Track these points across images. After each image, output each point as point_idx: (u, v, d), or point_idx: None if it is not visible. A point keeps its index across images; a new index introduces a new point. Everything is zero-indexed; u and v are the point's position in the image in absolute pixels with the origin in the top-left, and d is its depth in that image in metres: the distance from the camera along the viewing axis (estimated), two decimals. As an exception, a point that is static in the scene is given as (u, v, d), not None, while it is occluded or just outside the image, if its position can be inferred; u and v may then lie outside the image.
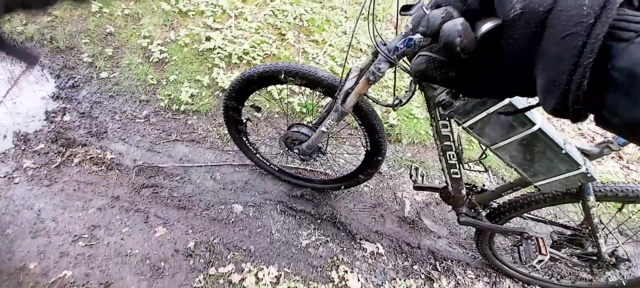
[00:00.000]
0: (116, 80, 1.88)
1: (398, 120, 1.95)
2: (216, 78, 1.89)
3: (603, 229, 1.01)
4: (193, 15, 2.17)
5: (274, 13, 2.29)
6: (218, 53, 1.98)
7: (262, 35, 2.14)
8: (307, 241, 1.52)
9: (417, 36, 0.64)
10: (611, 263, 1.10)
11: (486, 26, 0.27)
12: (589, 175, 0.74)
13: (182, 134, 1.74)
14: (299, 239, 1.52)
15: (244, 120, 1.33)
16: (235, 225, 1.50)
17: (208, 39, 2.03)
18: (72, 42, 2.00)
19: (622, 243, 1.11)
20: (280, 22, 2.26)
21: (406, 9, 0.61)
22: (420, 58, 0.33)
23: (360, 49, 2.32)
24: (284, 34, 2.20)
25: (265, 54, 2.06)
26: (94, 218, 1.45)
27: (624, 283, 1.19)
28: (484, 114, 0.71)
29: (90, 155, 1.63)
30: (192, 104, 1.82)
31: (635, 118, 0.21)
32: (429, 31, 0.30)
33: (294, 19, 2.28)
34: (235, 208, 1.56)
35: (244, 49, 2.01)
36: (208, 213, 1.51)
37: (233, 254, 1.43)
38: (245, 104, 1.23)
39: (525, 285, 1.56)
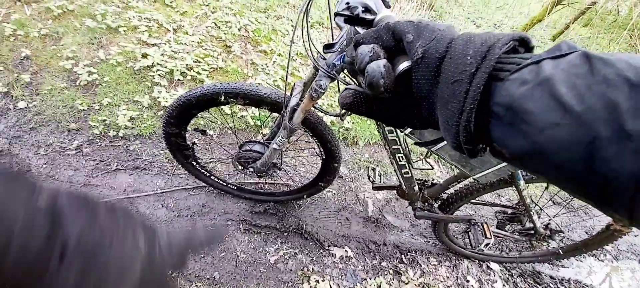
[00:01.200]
0: (37, 110, 1.64)
1: (353, 123, 1.99)
2: (158, 97, 1.76)
3: (535, 206, 1.13)
4: (124, 31, 1.99)
5: (216, 25, 2.19)
6: (157, 70, 1.84)
7: (205, 49, 2.04)
8: (275, 257, 1.48)
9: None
10: (547, 235, 1.25)
11: (403, 65, 0.28)
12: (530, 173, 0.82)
13: (124, 162, 1.59)
14: (267, 256, 1.48)
15: (190, 145, 1.25)
16: (194, 254, 1.41)
17: (144, 55, 1.88)
18: (-21, 71, 1.71)
19: (554, 217, 1.26)
20: (224, 34, 2.17)
21: (329, 46, 0.62)
22: (346, 91, 0.33)
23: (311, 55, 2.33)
24: (229, 46, 2.12)
25: (212, 68, 1.97)
26: (23, 274, 1.25)
27: (561, 252, 1.34)
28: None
29: (11, 200, 1.40)
30: (133, 128, 1.67)
31: (519, 147, 0.22)
32: (356, 67, 0.30)
33: (239, 30, 2.21)
34: (193, 236, 1.46)
35: (187, 64, 1.89)
36: (162, 246, 1.40)
37: (196, 286, 1.33)
38: (188, 128, 1.15)
39: (481, 263, 1.70)
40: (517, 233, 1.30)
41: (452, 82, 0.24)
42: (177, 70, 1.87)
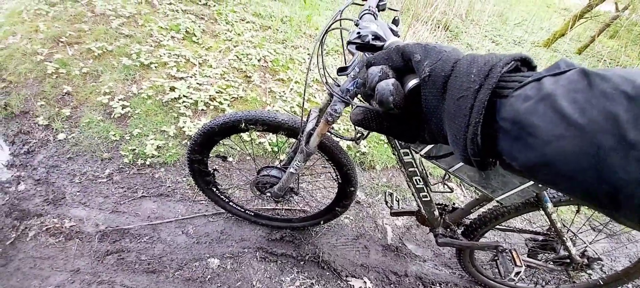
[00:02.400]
0: (75, 141, 1.79)
1: (369, 147, 1.98)
2: (183, 127, 1.86)
3: (568, 231, 1.05)
4: (156, 67, 2.17)
5: (238, 57, 2.33)
6: (183, 102, 1.97)
7: (227, 80, 2.16)
8: (291, 287, 1.44)
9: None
10: (584, 263, 1.14)
11: (412, 83, 0.30)
12: (540, 185, 0.78)
13: (149, 189, 1.66)
14: (283, 287, 1.44)
15: (211, 171, 1.30)
16: (212, 282, 1.41)
17: (172, 89, 2.02)
18: (27, 106, 1.90)
19: (591, 243, 1.16)
20: (245, 65, 2.30)
21: (343, 69, 0.65)
22: (357, 109, 0.35)
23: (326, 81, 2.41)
24: (249, 77, 2.24)
25: (233, 98, 2.07)
26: (52, 298, 1.30)
27: (601, 283, 1.22)
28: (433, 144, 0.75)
29: (46, 225, 1.49)
30: (159, 156, 1.76)
31: (528, 159, 0.23)
32: (368, 86, 0.32)
33: (259, 60, 2.34)
34: (211, 263, 1.46)
35: (210, 95, 2.01)
36: (181, 274, 1.41)
37: (211, 314, 1.32)
38: (210, 154, 1.20)
39: (514, 296, 1.56)
40: (551, 262, 1.20)
41: (457, 98, 0.26)
42: (201, 101, 1.98)
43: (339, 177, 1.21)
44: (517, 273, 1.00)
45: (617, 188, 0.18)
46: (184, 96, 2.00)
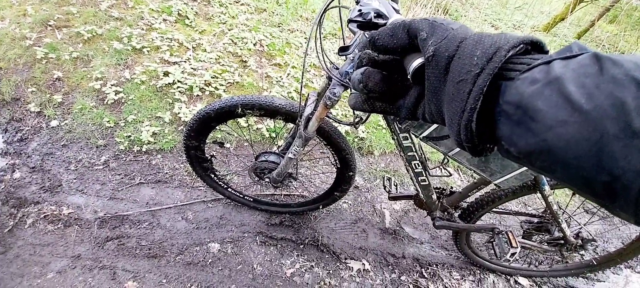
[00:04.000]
0: (68, 128, 1.75)
1: (367, 132, 1.98)
2: (178, 113, 1.83)
3: (563, 213, 1.07)
4: (148, 51, 2.11)
5: (233, 41, 2.28)
6: (178, 87, 1.93)
7: (222, 65, 2.12)
8: (291, 270, 1.47)
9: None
10: (578, 244, 1.17)
11: (417, 62, 0.29)
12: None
13: (147, 176, 1.65)
14: (283, 269, 1.47)
15: (209, 157, 1.29)
16: (213, 266, 1.42)
17: (166, 74, 1.97)
18: (17, 93, 1.85)
19: (585, 225, 1.18)
20: (240, 49, 2.25)
21: (344, 49, 0.63)
22: (351, 95, 0.37)
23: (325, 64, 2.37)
24: (245, 61, 2.19)
25: (228, 83, 2.03)
26: (54, 284, 1.31)
27: (595, 263, 1.25)
28: (435, 126, 0.74)
29: (44, 213, 1.49)
30: (155, 143, 1.74)
31: (527, 145, 0.22)
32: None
33: (254, 45, 2.29)
34: (211, 248, 1.48)
35: (205, 80, 1.97)
36: (182, 258, 1.42)
37: (213, 297, 1.34)
38: (207, 141, 1.19)
39: (508, 277, 1.60)
40: (545, 244, 1.23)
41: (457, 82, 0.25)
42: (196, 86, 1.95)
43: (337, 161, 1.21)
44: (513, 254, 1.02)
45: (615, 177, 0.18)
46: (178, 81, 1.96)
